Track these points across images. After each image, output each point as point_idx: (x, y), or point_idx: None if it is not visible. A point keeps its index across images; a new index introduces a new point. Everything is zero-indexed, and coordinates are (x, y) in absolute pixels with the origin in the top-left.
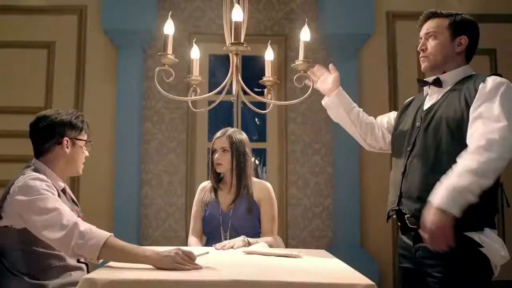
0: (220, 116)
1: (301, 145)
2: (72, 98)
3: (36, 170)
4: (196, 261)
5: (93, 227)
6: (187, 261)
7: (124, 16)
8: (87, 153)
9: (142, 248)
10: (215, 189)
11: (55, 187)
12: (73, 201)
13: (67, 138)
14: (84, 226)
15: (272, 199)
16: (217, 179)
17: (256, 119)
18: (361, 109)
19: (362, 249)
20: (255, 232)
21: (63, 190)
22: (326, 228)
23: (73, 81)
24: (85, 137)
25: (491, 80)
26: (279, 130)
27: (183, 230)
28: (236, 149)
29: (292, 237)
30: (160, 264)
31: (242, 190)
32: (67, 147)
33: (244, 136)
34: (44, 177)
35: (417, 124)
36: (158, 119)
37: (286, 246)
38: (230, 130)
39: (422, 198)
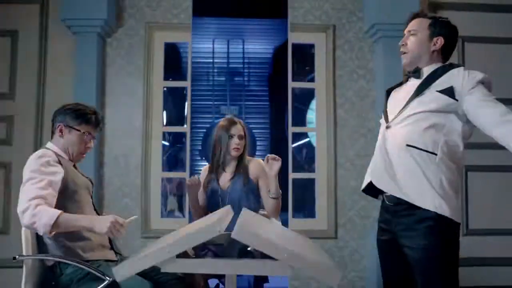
0: (173, 102)
1: (348, 129)
2: (34, 85)
3: (46, 148)
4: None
5: (46, 208)
6: (119, 228)
7: (83, 5)
8: (90, 145)
9: (85, 219)
10: (217, 170)
11: (60, 160)
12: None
13: (62, 125)
14: (36, 208)
15: (266, 177)
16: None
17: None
18: None
19: None
20: (249, 206)
21: (74, 166)
22: (371, 208)
23: (36, 68)
24: (83, 129)
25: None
26: (328, 115)
27: (139, 208)
28: (247, 135)
29: (340, 216)
30: (98, 230)
31: (240, 168)
32: (61, 132)
33: None
34: (49, 153)
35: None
36: (116, 105)
37: (335, 225)
38: (236, 117)
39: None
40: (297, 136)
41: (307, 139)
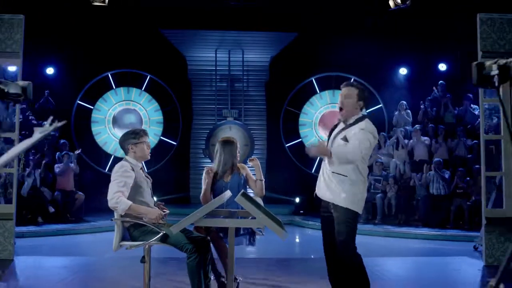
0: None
1: None
2: None
3: (125, 160)
4: None
5: (123, 199)
6: (160, 218)
7: None
8: (149, 146)
9: (144, 209)
10: (223, 169)
11: (133, 167)
12: (147, 174)
13: (131, 145)
14: (118, 198)
15: (250, 172)
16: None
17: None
18: None
19: None
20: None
21: (141, 169)
22: None
23: None
24: (143, 140)
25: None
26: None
27: None
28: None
29: None
30: (150, 216)
31: (235, 168)
32: (132, 149)
33: None
34: (125, 163)
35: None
36: None
37: None
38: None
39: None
40: (292, 137)
41: (299, 140)
